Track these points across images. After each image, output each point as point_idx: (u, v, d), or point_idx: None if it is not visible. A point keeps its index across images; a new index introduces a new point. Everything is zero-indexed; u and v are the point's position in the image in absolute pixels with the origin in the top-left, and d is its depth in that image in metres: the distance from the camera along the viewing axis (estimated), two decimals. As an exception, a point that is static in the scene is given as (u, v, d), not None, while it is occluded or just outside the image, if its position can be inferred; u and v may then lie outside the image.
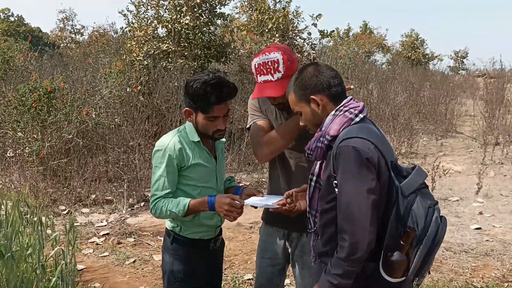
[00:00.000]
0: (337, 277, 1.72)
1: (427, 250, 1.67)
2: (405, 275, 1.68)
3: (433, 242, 1.67)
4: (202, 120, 2.18)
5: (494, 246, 4.82)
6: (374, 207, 1.68)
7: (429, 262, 1.72)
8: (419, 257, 1.66)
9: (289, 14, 11.76)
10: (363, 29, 27.88)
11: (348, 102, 1.84)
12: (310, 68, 1.90)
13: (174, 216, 2.17)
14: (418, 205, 1.68)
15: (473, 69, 22.21)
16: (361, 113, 1.82)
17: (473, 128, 11.31)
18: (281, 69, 2.17)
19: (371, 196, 1.67)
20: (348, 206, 1.70)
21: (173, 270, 2.28)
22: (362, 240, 1.67)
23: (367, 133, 1.76)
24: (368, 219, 1.67)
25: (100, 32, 17.04)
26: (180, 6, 8.19)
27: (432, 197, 1.77)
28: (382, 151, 1.74)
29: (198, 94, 2.12)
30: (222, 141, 2.42)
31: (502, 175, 7.55)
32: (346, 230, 1.70)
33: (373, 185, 1.68)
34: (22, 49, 12.28)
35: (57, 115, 6.29)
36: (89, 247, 4.82)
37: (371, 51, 21.57)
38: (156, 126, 7.56)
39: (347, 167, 1.71)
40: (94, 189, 6.31)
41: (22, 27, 30.65)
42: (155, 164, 2.19)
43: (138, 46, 8.15)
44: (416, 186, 1.72)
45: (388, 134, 9.49)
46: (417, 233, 1.65)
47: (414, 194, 1.70)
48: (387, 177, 1.73)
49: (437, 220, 1.68)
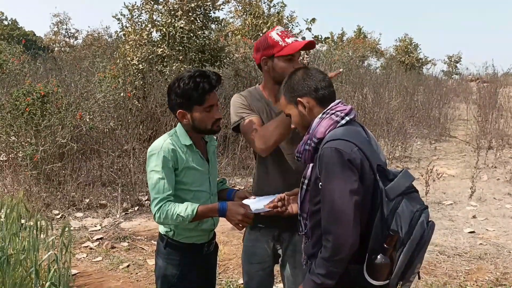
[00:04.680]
0: (320, 277, 1.75)
1: (411, 254, 1.66)
2: (388, 278, 1.69)
3: (418, 246, 1.67)
4: (199, 114, 2.17)
5: (487, 249, 4.84)
6: (357, 208, 1.70)
7: (414, 267, 1.70)
8: (402, 260, 1.66)
9: (284, 19, 11.81)
10: (357, 34, 28.00)
11: (335, 105, 1.87)
12: (299, 71, 1.94)
13: (180, 221, 2.11)
14: (403, 208, 1.68)
15: (466, 74, 22.35)
16: (347, 115, 1.84)
17: (466, 132, 11.36)
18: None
19: (354, 197, 1.69)
20: (331, 207, 1.71)
21: (166, 275, 2.27)
22: (345, 241, 1.69)
23: (351, 135, 1.78)
24: (351, 220, 1.69)
25: (94, 36, 17.04)
26: (174, 10, 8.20)
27: (421, 201, 1.77)
28: (367, 154, 1.75)
29: (190, 88, 2.12)
30: (214, 143, 2.41)
31: (495, 179, 7.59)
32: (330, 231, 1.72)
33: (355, 186, 1.70)
34: (15, 53, 12.26)
35: (51, 119, 6.27)
36: (82, 252, 4.79)
37: (365, 55, 21.64)
38: (150, 130, 7.55)
39: (330, 169, 1.73)
40: (88, 193, 6.29)
41: (16, 31, 30.54)
42: (151, 168, 2.16)
43: (133, 50, 8.14)
44: (402, 189, 1.71)
45: (382, 138, 9.53)
46: (401, 236, 1.65)
47: (400, 197, 1.70)
48: (372, 180, 1.74)
49: (422, 224, 1.67)
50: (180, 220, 2.11)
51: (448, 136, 11.36)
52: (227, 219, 2.14)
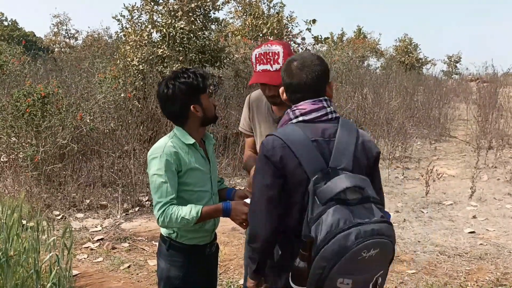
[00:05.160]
0: (248, 259, 1.88)
1: (325, 264, 1.56)
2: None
3: (335, 257, 1.55)
4: (207, 102, 2.22)
5: (488, 249, 4.85)
6: (270, 203, 1.73)
7: (333, 279, 1.57)
8: (313, 268, 1.59)
9: (283, 19, 11.82)
10: (357, 34, 28.00)
11: (300, 104, 1.83)
12: (295, 62, 1.87)
13: (184, 223, 2.11)
14: (328, 215, 1.58)
15: (466, 74, 22.36)
16: (303, 116, 1.80)
17: (466, 132, 11.37)
18: (280, 61, 2.29)
19: (268, 192, 1.73)
20: (252, 199, 1.80)
21: (170, 276, 2.27)
22: (258, 233, 1.77)
23: (287, 133, 1.76)
24: (263, 215, 1.74)
25: (94, 36, 17.04)
26: (174, 11, 8.21)
27: (369, 216, 1.61)
28: (297, 153, 1.71)
29: (193, 79, 2.16)
30: (212, 142, 2.41)
31: (495, 179, 7.60)
32: (250, 220, 1.83)
33: (269, 182, 1.73)
34: (15, 54, 12.26)
35: (51, 120, 6.27)
36: (83, 252, 4.80)
37: (365, 55, 21.65)
38: (151, 130, 7.56)
39: (256, 163, 1.83)
40: (88, 194, 6.29)
41: (16, 32, 30.50)
42: (154, 172, 2.14)
43: (133, 51, 8.15)
44: (332, 194, 1.60)
45: (382, 139, 9.55)
46: (317, 243, 1.58)
47: (332, 202, 1.60)
48: (302, 180, 1.70)
49: (347, 237, 1.54)
50: (185, 223, 2.11)
51: (448, 136, 11.36)
52: (232, 218, 2.16)
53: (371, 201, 1.65)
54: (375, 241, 1.57)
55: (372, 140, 1.91)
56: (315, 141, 1.75)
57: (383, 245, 1.60)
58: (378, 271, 1.66)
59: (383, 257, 1.64)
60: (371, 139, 1.91)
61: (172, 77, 2.18)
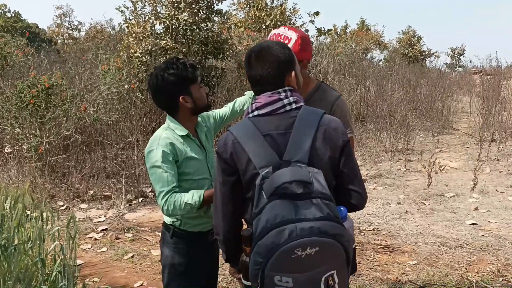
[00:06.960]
0: None
1: (260, 260, 1.50)
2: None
3: (269, 253, 1.48)
4: (197, 91, 2.25)
5: (489, 241, 4.87)
6: (223, 200, 1.77)
7: (269, 276, 1.50)
8: (251, 263, 1.54)
9: (287, 11, 11.77)
10: (360, 26, 27.91)
11: (259, 97, 1.79)
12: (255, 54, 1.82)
13: (189, 209, 2.13)
14: (267, 210, 1.52)
15: (470, 66, 22.28)
16: (258, 110, 1.76)
17: (469, 124, 11.35)
18: (290, 47, 2.23)
19: (221, 188, 1.76)
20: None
21: (174, 264, 2.31)
22: (217, 227, 1.82)
23: (239, 128, 1.75)
24: (219, 210, 1.79)
25: (97, 28, 17.03)
26: (178, 2, 8.20)
27: (316, 212, 1.51)
28: (247, 148, 1.68)
29: (182, 70, 2.18)
30: (204, 129, 2.41)
31: (497, 171, 7.60)
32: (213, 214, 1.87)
33: (220, 179, 1.76)
34: (19, 45, 12.28)
35: (55, 111, 6.30)
36: (87, 243, 4.85)
37: (368, 48, 21.59)
38: (154, 122, 7.58)
39: None
40: (92, 185, 6.33)
41: (19, 23, 30.51)
42: (152, 164, 2.17)
43: (136, 43, 8.15)
44: (273, 189, 1.53)
45: (385, 131, 9.55)
46: (252, 238, 1.55)
47: (274, 197, 1.53)
48: (254, 175, 1.65)
49: (281, 233, 1.47)
50: (188, 208, 2.14)
51: (451, 128, 11.35)
52: None
53: (318, 196, 1.54)
54: (312, 240, 1.47)
55: (340, 127, 1.76)
56: (268, 135, 1.69)
57: (323, 244, 1.49)
58: (326, 271, 1.54)
59: (328, 257, 1.52)
60: (339, 126, 1.77)
61: (162, 68, 2.20)
